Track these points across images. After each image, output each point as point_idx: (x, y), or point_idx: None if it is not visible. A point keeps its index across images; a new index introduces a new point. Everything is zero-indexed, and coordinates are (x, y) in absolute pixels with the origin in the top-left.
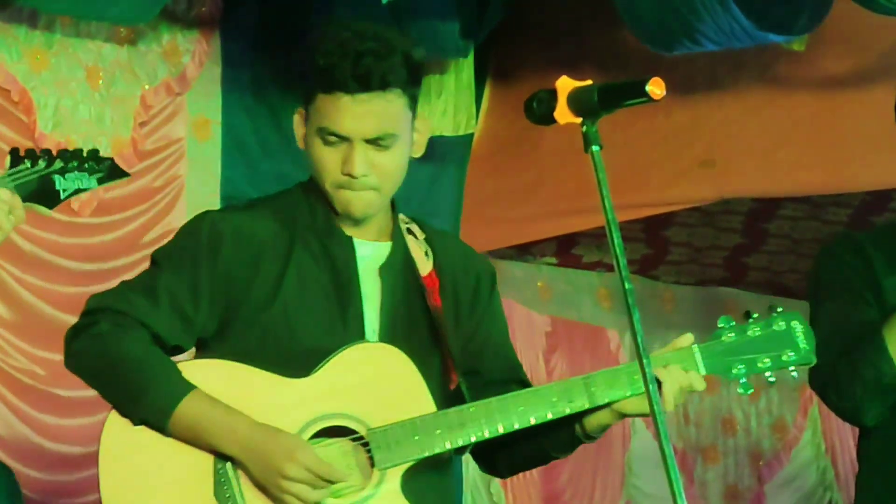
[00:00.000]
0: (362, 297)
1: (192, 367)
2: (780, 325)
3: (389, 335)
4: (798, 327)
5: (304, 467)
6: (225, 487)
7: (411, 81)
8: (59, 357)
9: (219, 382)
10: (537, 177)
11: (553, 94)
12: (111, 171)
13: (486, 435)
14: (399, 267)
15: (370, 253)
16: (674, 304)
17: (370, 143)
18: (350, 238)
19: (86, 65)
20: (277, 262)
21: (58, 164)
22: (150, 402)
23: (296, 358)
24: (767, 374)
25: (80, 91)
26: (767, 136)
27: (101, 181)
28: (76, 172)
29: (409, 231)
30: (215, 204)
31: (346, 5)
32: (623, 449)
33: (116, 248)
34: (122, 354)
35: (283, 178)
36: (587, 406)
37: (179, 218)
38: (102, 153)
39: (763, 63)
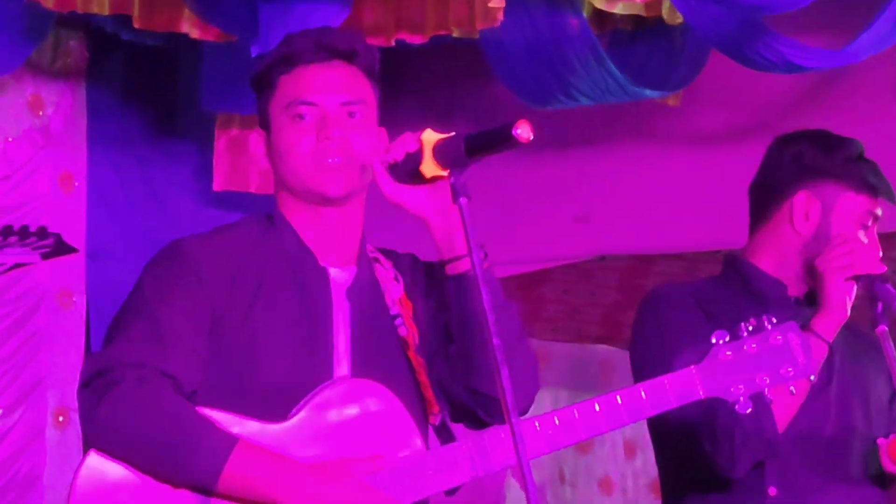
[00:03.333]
0: (333, 329)
1: None
2: (777, 339)
3: (361, 369)
4: (795, 340)
5: None
6: None
7: (374, 71)
8: None
9: None
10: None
11: (418, 150)
12: (57, 247)
13: (480, 474)
14: (367, 292)
15: (338, 277)
16: (548, 362)
17: (343, 108)
18: (324, 268)
19: None
20: (249, 289)
21: None
22: (198, 463)
23: (258, 389)
24: (766, 391)
25: None
26: (642, 191)
27: (45, 256)
28: (17, 248)
29: (376, 259)
30: (80, 261)
31: (214, 58)
32: None
33: None
34: (159, 414)
35: (150, 233)
36: (583, 438)
37: (43, 274)
38: None
39: (638, 118)
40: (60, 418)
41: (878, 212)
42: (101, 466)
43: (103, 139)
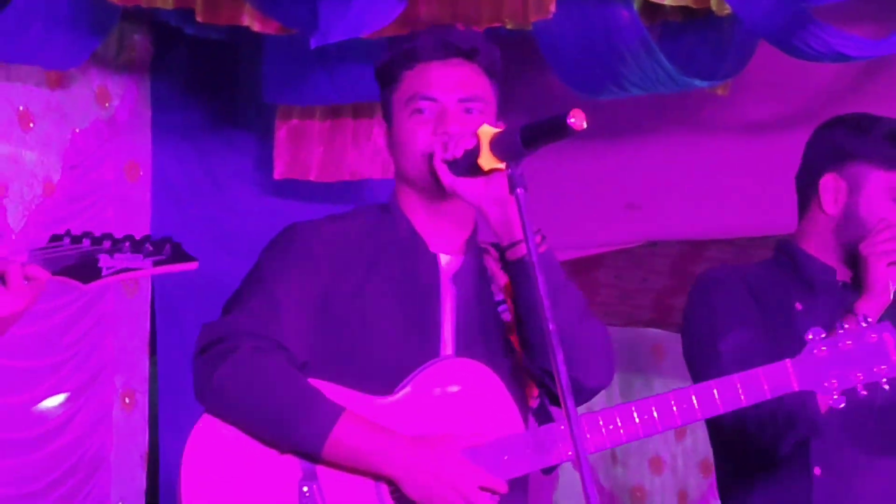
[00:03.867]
0: (441, 311)
1: None
2: (872, 337)
3: (464, 349)
4: (890, 339)
5: (478, 486)
6: None
7: (495, 69)
8: None
9: None
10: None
11: (475, 146)
12: (174, 255)
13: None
14: (473, 278)
15: (447, 263)
16: None
17: (461, 105)
18: (434, 255)
19: (17, 108)
20: (360, 270)
21: (107, 244)
22: (306, 429)
23: (368, 365)
24: (859, 387)
25: (11, 134)
26: (692, 179)
27: (158, 263)
28: (129, 254)
29: (485, 250)
30: None
31: (274, 50)
32: (551, 488)
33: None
34: (272, 381)
35: (212, 221)
36: (678, 424)
37: None
38: (32, 195)
39: (687, 107)
40: (127, 400)
41: None
42: (211, 431)
43: (167, 130)
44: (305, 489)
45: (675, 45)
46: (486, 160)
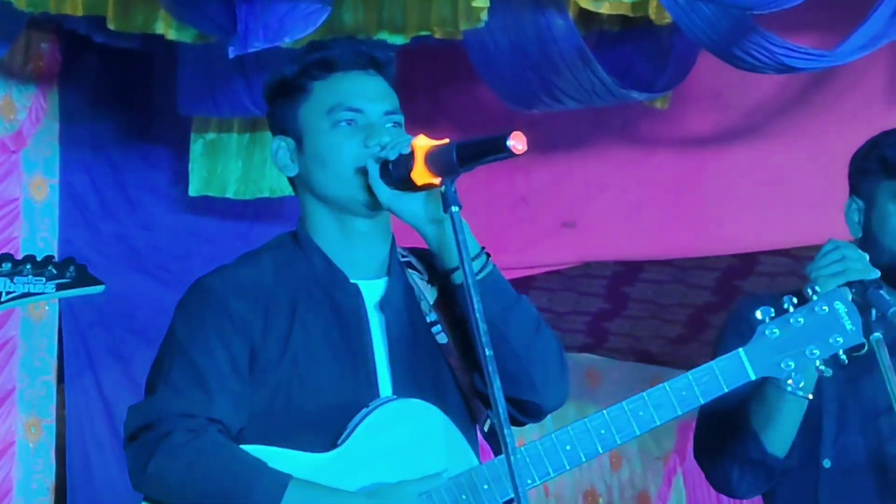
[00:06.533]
0: (373, 346)
1: None
2: (824, 309)
3: (403, 382)
4: (842, 308)
5: None
6: None
7: (395, 84)
8: None
9: None
10: None
11: (410, 154)
12: (79, 278)
13: (537, 482)
14: (401, 300)
15: (369, 291)
16: None
17: (386, 118)
18: (355, 285)
19: None
20: (283, 317)
21: (5, 267)
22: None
23: (306, 417)
24: (818, 363)
25: None
26: (630, 196)
27: (61, 287)
28: (30, 277)
29: (409, 265)
30: None
31: (190, 59)
32: None
33: None
34: (210, 462)
35: (124, 240)
36: (637, 434)
37: None
38: None
39: (625, 121)
40: (32, 429)
41: None
42: None
43: (76, 143)
44: None
45: (613, 55)
46: (420, 174)
